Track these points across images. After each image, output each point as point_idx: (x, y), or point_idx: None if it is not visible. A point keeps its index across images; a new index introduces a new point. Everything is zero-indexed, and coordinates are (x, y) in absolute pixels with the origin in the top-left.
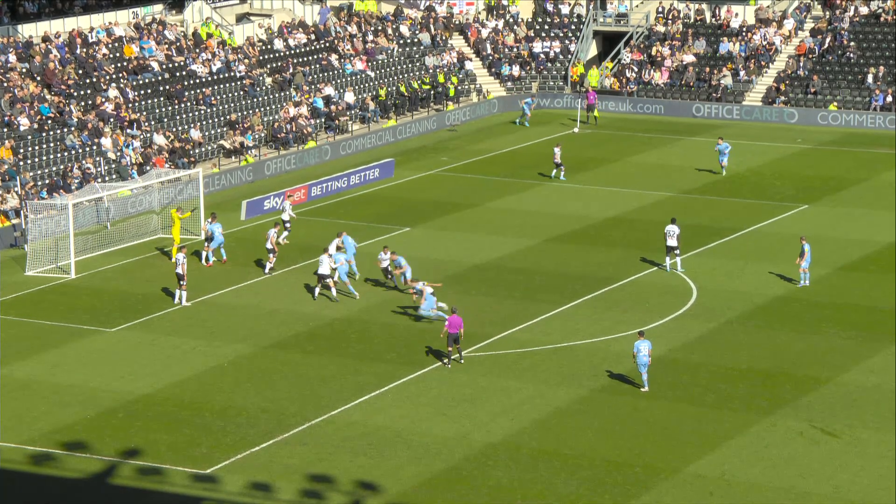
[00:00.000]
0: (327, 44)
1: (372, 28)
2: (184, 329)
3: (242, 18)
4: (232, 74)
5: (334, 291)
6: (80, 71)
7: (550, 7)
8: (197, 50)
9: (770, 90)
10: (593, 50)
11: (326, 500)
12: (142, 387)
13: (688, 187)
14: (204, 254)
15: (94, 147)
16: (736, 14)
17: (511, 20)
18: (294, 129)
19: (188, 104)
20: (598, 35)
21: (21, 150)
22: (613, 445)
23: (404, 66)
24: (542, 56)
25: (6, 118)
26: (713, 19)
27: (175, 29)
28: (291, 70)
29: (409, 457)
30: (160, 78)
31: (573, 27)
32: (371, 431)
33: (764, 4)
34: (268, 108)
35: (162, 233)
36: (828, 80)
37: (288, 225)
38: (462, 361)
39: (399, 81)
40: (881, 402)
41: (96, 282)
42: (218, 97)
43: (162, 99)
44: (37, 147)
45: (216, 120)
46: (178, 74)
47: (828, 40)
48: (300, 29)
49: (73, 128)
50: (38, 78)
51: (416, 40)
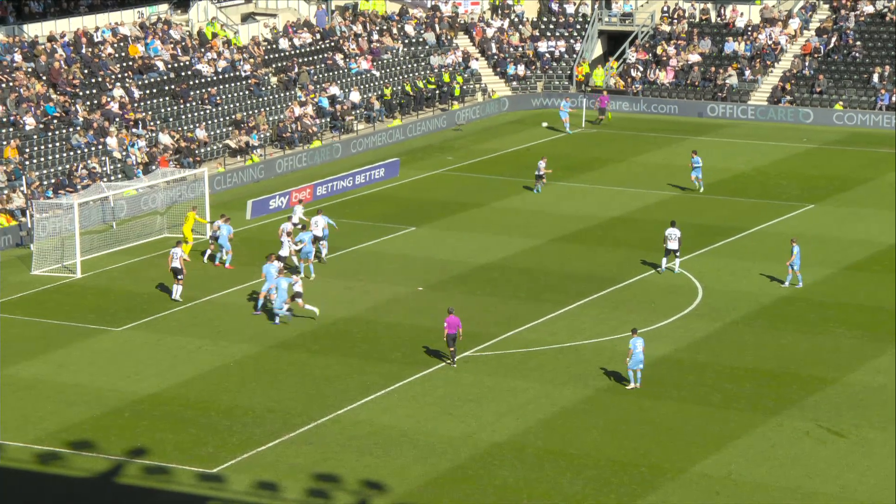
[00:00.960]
0: (332, 43)
1: (377, 27)
2: (190, 329)
3: (248, 18)
4: (237, 74)
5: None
6: (86, 70)
7: (555, 6)
8: (202, 49)
9: (776, 89)
10: (598, 49)
11: (332, 500)
12: (148, 386)
13: (693, 187)
14: (207, 252)
15: (100, 146)
16: (741, 13)
17: (516, 20)
18: (299, 129)
19: (193, 104)
20: (604, 34)
21: (27, 150)
22: (619, 445)
23: (409, 66)
24: (548, 55)
25: (12, 118)
26: (718, 19)
27: (180, 28)
28: (297, 69)
29: (415, 456)
30: (165, 77)
31: (578, 27)
32: (377, 431)
33: (769, 4)
34: (273, 108)
35: (168, 232)
36: (833, 80)
37: (300, 227)
38: (454, 365)
39: (404, 81)
40: (887, 402)
41: (102, 281)
42: (223, 97)
43: (167, 98)
44: (42, 146)
45: (221, 119)
46: (184, 74)
47: (833, 40)
48: (305, 28)
49: (79, 127)
50: (44, 77)
51: (422, 40)
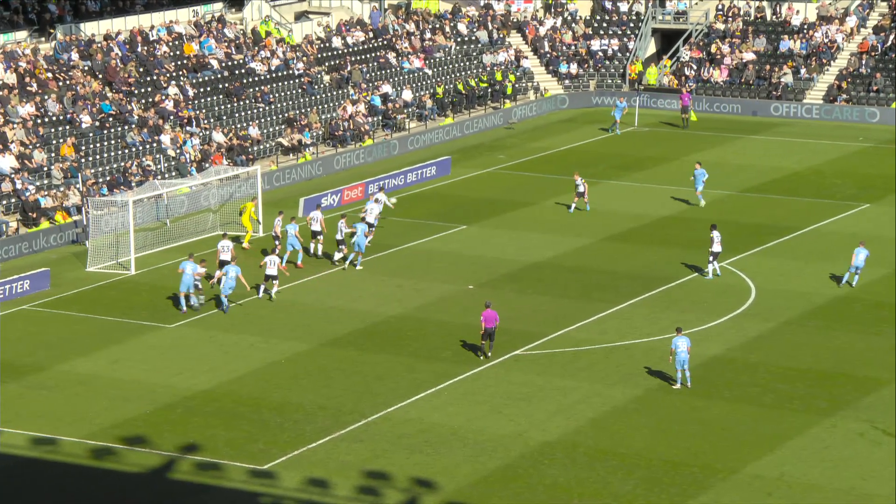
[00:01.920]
0: (385, 42)
1: (429, 26)
2: (241, 326)
3: (301, 16)
4: (290, 72)
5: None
6: (141, 69)
7: (609, 5)
8: (256, 48)
9: (831, 88)
10: (652, 48)
11: (383, 497)
12: (200, 383)
13: (747, 186)
14: (277, 252)
15: (154, 144)
16: (797, 11)
17: (569, 18)
18: (351, 127)
19: (247, 102)
20: (657, 33)
21: (83, 148)
22: (670, 445)
23: (462, 64)
24: (600, 54)
25: (68, 116)
26: (774, 17)
27: (234, 27)
28: (349, 68)
29: (465, 454)
30: (219, 76)
31: (631, 25)
32: (427, 429)
33: (826, 1)
34: (325, 106)
35: (221, 230)
36: (891, 78)
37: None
38: (489, 355)
39: (456, 79)
40: None
41: (155, 278)
42: (276, 95)
43: (221, 96)
44: (98, 144)
45: (274, 117)
46: (238, 72)
47: (891, 38)
48: (358, 27)
49: (134, 125)
50: (100, 76)
51: (474, 38)
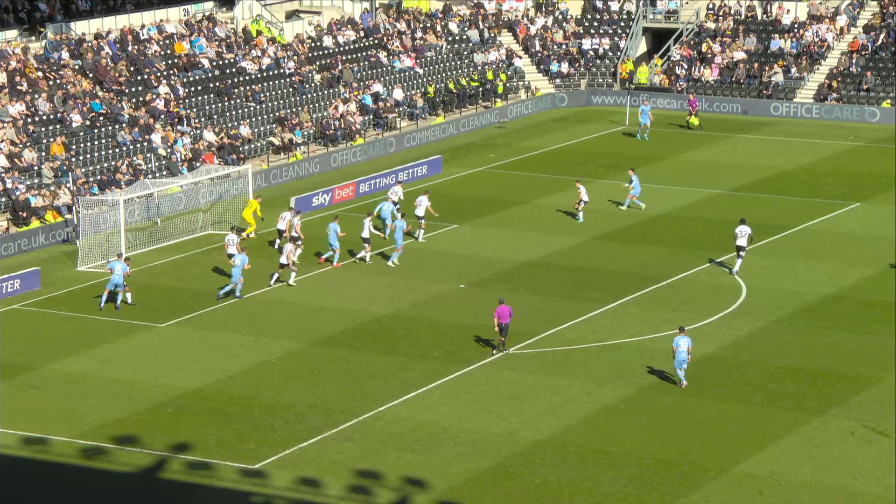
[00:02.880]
0: (376, 41)
1: (421, 25)
2: (232, 325)
3: (292, 16)
4: (281, 71)
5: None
6: (132, 68)
7: (600, 4)
8: (247, 47)
9: (822, 87)
10: (643, 47)
11: (374, 496)
12: (191, 382)
13: (738, 184)
14: (278, 243)
15: (145, 143)
16: (788, 10)
17: (560, 17)
18: (342, 126)
19: (238, 101)
20: (648, 32)
21: (73, 147)
22: (661, 444)
23: (453, 63)
24: (591, 53)
25: (59, 115)
26: (764, 16)
27: (225, 26)
28: (340, 67)
29: (457, 453)
30: (210, 75)
31: (622, 24)
32: (418, 428)
33: (816, 1)
34: (316, 105)
35: (211, 229)
36: (881, 77)
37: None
38: (507, 350)
39: (447, 78)
40: None
41: (146, 278)
42: (267, 94)
43: (212, 96)
44: (88, 143)
45: (265, 117)
46: (228, 71)
47: (881, 37)
48: (349, 26)
49: (124, 124)
50: (91, 75)
51: (465, 37)
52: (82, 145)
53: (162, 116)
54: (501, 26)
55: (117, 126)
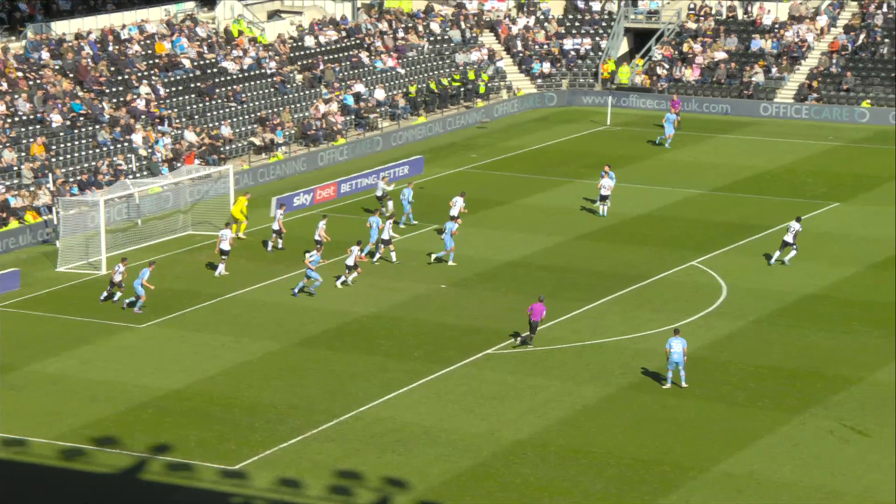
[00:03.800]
0: (358, 41)
1: (402, 25)
2: (213, 325)
3: (273, 16)
4: (262, 71)
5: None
6: (112, 68)
7: (581, 4)
8: (228, 47)
9: (802, 87)
10: (624, 47)
11: (354, 497)
12: (171, 383)
13: (719, 184)
14: (270, 244)
15: (126, 144)
16: (768, 11)
17: (542, 17)
18: (324, 126)
19: (219, 101)
20: (629, 32)
21: (53, 147)
22: (641, 443)
23: (435, 64)
24: (573, 53)
25: (39, 115)
26: (745, 16)
27: (206, 26)
28: (322, 67)
29: (437, 454)
30: (191, 75)
31: (604, 24)
32: (399, 428)
33: (797, 1)
34: (298, 105)
35: (192, 229)
36: (861, 77)
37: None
38: (531, 344)
39: (429, 78)
40: None
41: (126, 278)
42: (248, 94)
43: (193, 96)
44: (69, 143)
45: (246, 117)
46: (209, 71)
47: (861, 37)
48: (331, 26)
49: (105, 124)
50: (71, 75)
51: (447, 37)
52: (62, 146)
53: (143, 117)
54: (483, 26)
55: (98, 126)
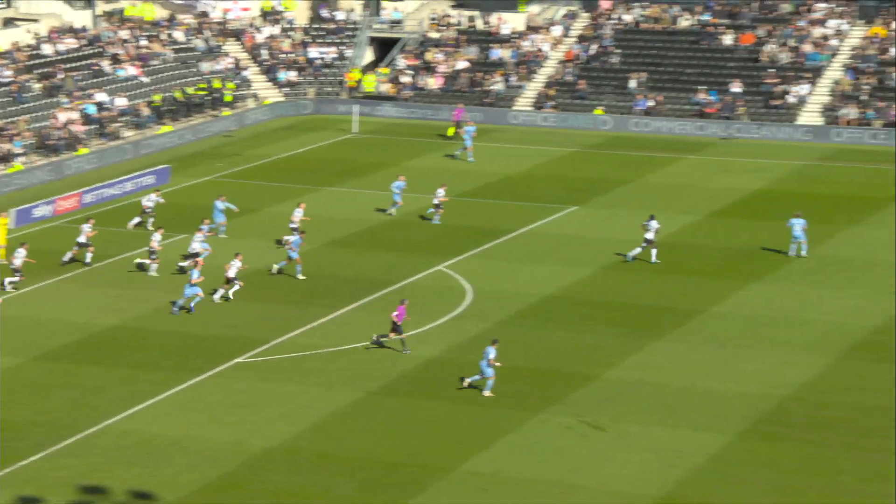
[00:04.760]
0: (99, 49)
1: (144, 34)
2: None
3: (9, 23)
4: None
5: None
6: None
7: (326, 13)
8: None
9: (540, 95)
10: (369, 56)
11: None
12: None
13: (462, 190)
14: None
15: None
16: (506, 21)
17: (287, 26)
18: (66, 136)
19: None
20: (374, 41)
21: None
22: (391, 446)
23: (179, 72)
24: (319, 62)
25: None
26: (485, 25)
27: None
28: (62, 75)
29: (186, 464)
30: None
31: (348, 33)
32: (146, 440)
33: (533, 12)
34: (37, 115)
35: None
36: (594, 86)
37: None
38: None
39: (174, 87)
40: (644, 397)
41: None
42: None
43: None
44: None
45: None
46: None
47: (594, 47)
48: (70, 34)
49: None
50: None
51: (191, 46)
52: None
53: None
54: (228, 35)
55: None
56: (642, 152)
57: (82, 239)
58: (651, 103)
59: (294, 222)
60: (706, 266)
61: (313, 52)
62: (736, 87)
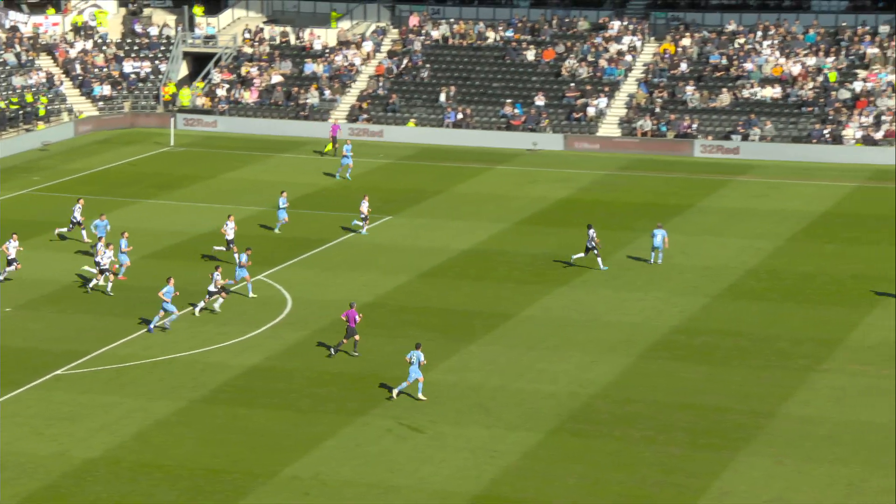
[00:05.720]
0: None
1: None
2: None
3: None
4: None
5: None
6: None
7: (139, 28)
8: None
9: (354, 108)
10: (184, 70)
11: None
12: None
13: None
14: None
15: None
16: (318, 36)
17: (100, 41)
18: None
19: None
20: (189, 56)
21: None
22: (213, 454)
23: None
24: (134, 76)
25: None
26: (298, 41)
27: None
28: None
29: (5, 478)
30: None
31: (163, 48)
32: None
33: (344, 27)
34: None
35: None
36: (405, 99)
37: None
38: (357, 354)
39: None
40: (459, 398)
41: None
42: None
43: None
44: None
45: None
46: None
47: (404, 61)
48: None
49: None
50: None
51: (2, 60)
52: None
53: None
54: (40, 49)
55: None
56: (453, 163)
57: None
58: (460, 116)
59: (228, 234)
60: (515, 272)
61: (128, 67)
62: (540, 101)
